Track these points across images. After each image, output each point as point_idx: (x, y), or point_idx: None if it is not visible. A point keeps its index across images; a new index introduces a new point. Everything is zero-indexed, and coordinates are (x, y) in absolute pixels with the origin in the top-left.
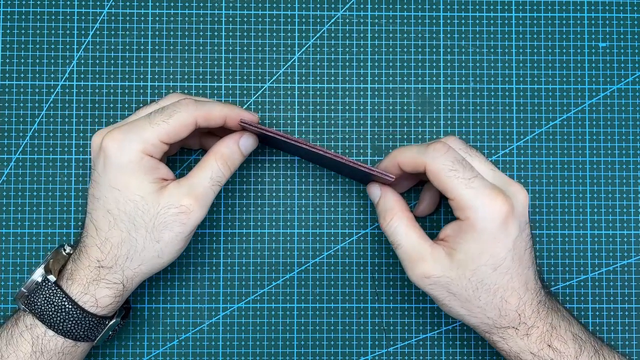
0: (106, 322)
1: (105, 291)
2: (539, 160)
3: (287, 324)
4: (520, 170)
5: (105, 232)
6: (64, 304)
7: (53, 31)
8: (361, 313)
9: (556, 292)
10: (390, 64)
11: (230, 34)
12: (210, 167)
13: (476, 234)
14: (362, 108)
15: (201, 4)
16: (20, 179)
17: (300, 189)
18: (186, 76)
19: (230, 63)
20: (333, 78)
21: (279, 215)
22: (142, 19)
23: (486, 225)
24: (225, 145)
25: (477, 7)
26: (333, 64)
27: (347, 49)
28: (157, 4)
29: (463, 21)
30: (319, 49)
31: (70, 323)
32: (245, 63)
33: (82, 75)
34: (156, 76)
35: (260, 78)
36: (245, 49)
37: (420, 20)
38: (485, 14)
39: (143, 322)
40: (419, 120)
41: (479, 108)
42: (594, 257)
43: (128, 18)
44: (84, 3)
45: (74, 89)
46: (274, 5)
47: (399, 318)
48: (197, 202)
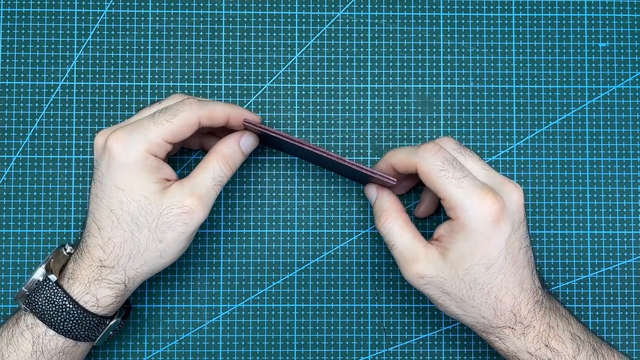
0: (107, 322)
1: (106, 291)
2: (539, 160)
3: (287, 324)
4: (520, 170)
5: (108, 232)
6: (64, 303)
7: (53, 31)
8: (361, 313)
9: (556, 292)
10: (390, 64)
11: (230, 34)
12: (212, 167)
13: (467, 234)
14: (362, 108)
15: (201, 4)
16: (20, 179)
17: (300, 189)
18: (186, 76)
19: (230, 63)
20: (333, 78)
21: (279, 215)
22: (142, 19)
23: (477, 225)
24: (226, 145)
25: (477, 7)
26: (333, 64)
27: (347, 49)
28: (157, 4)
29: (463, 21)
30: (318, 49)
31: (71, 323)
32: (245, 63)
33: (82, 75)
34: (156, 76)
35: (260, 78)
36: (245, 49)
37: (420, 20)
38: (485, 14)
39: (143, 322)
40: (419, 120)
41: (478, 108)
42: (594, 257)
43: (128, 18)
44: (84, 3)
45: (74, 89)
46: (274, 5)
47: (399, 318)
48: (200, 202)
